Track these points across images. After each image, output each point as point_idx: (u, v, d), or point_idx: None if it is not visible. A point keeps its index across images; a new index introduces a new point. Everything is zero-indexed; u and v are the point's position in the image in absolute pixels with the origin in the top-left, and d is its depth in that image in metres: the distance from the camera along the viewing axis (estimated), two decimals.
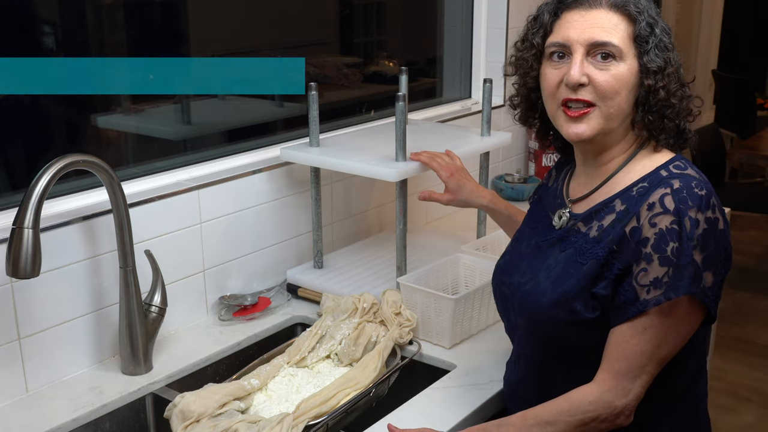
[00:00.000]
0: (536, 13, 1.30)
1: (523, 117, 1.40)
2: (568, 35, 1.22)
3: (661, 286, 1.14)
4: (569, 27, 1.22)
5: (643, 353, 1.17)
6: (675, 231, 1.13)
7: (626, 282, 1.17)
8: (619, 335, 1.19)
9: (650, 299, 1.15)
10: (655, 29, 1.21)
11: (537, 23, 1.29)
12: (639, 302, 1.16)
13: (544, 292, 1.26)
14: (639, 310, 1.16)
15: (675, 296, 1.13)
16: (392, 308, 1.67)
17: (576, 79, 1.19)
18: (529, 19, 1.32)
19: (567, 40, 1.21)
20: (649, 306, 1.15)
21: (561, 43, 1.22)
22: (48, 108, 1.72)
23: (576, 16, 1.22)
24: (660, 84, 1.20)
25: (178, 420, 1.38)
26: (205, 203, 1.76)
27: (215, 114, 2.10)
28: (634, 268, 1.16)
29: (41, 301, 1.49)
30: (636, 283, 1.16)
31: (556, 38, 1.23)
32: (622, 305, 1.17)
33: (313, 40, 2.37)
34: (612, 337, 1.20)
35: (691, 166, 1.23)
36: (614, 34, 1.20)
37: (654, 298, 1.14)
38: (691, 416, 1.30)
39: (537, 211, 1.41)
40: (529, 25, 1.31)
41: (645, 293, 1.15)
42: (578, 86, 1.20)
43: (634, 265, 1.16)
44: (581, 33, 1.20)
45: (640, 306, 1.16)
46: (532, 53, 1.29)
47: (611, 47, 1.19)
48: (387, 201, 2.23)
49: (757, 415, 3.29)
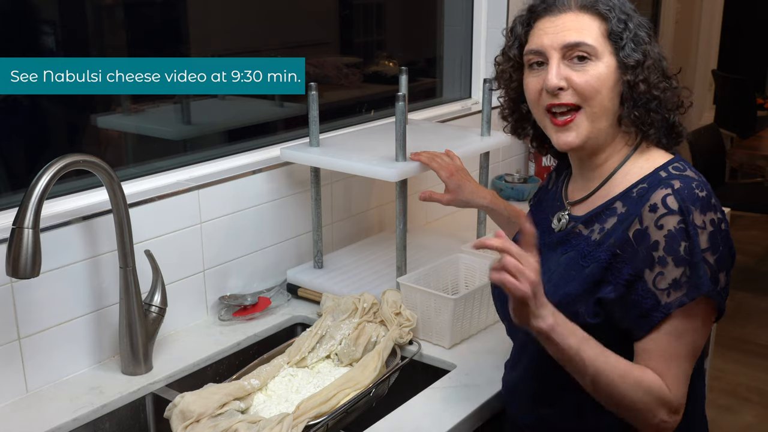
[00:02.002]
0: (511, 26, 1.32)
1: (513, 128, 1.41)
2: (541, 42, 1.23)
3: (681, 287, 1.14)
4: (542, 34, 1.23)
5: (685, 357, 1.17)
6: (683, 230, 1.13)
7: (640, 289, 1.16)
8: (658, 344, 1.16)
9: (672, 301, 1.14)
10: (628, 24, 1.21)
11: (512, 35, 1.31)
12: (662, 306, 1.15)
13: (545, 294, 1.25)
14: (664, 313, 1.15)
15: (698, 296, 1.13)
16: (392, 308, 1.67)
17: (554, 83, 1.20)
18: (504, 33, 1.33)
19: (541, 47, 1.23)
20: (673, 308, 1.14)
21: (536, 50, 1.24)
22: (48, 108, 1.72)
23: (547, 23, 1.24)
24: (640, 77, 1.20)
25: (178, 420, 1.38)
26: (205, 203, 1.76)
27: (215, 114, 2.10)
28: (647, 274, 1.16)
29: (41, 301, 1.49)
30: (655, 287, 1.15)
31: (531, 47, 1.25)
32: (646, 313, 1.16)
33: (313, 40, 2.37)
34: (649, 347, 1.17)
35: (690, 168, 1.23)
36: (586, 34, 1.20)
37: (677, 299, 1.14)
38: (688, 416, 1.30)
39: (537, 214, 1.41)
40: (506, 38, 1.33)
41: (666, 296, 1.14)
42: (558, 90, 1.21)
43: (647, 270, 1.16)
44: (554, 38, 1.22)
45: (664, 309, 1.15)
46: (510, 65, 1.32)
47: (585, 47, 1.20)
48: (387, 201, 2.23)
49: (757, 415, 3.29)
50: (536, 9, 1.26)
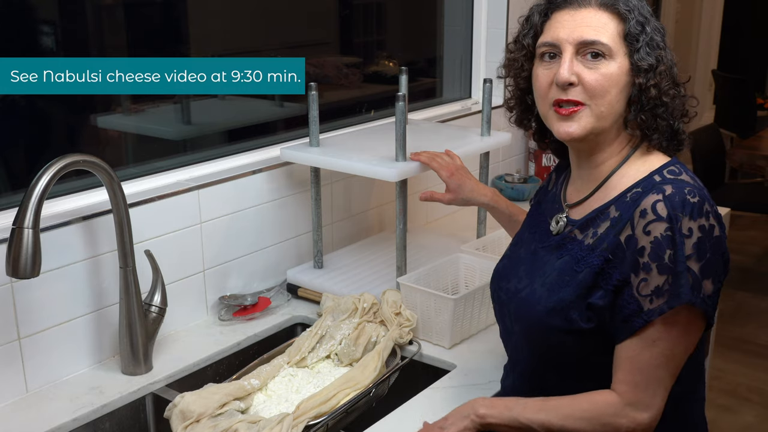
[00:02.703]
0: (527, 15, 1.30)
1: (518, 119, 1.40)
2: (557, 35, 1.22)
3: (662, 295, 1.13)
4: (559, 27, 1.22)
5: (657, 366, 1.16)
6: (669, 237, 1.13)
7: (626, 294, 1.16)
8: (629, 350, 1.17)
9: (654, 309, 1.14)
10: (646, 27, 1.20)
11: (528, 24, 1.29)
12: (643, 313, 1.15)
13: (540, 299, 1.25)
14: (644, 320, 1.15)
15: (677, 304, 1.12)
16: (392, 308, 1.67)
17: (565, 78, 1.19)
18: (520, 21, 1.32)
19: (556, 40, 1.22)
20: (654, 316, 1.14)
21: (551, 42, 1.22)
22: (48, 108, 1.72)
23: (565, 16, 1.22)
24: (651, 82, 1.20)
25: (178, 420, 1.38)
26: (205, 203, 1.76)
27: (215, 114, 2.10)
28: (633, 279, 1.15)
29: (41, 301, 1.49)
30: (638, 293, 1.15)
31: (546, 38, 1.24)
32: (627, 318, 1.16)
33: (313, 40, 2.37)
34: (621, 352, 1.18)
35: (686, 171, 1.22)
36: (603, 33, 1.20)
37: (658, 307, 1.14)
38: (688, 418, 1.30)
39: (537, 216, 1.41)
40: (521, 26, 1.31)
41: (648, 303, 1.14)
42: (568, 86, 1.20)
43: (632, 275, 1.15)
44: (570, 32, 1.21)
45: (645, 316, 1.15)
46: (522, 54, 1.30)
47: (600, 46, 1.19)
48: (387, 201, 2.23)
49: (757, 415, 3.29)
50: (556, 0, 1.25)
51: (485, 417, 1.25)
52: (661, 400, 1.18)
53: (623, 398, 1.18)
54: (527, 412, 1.23)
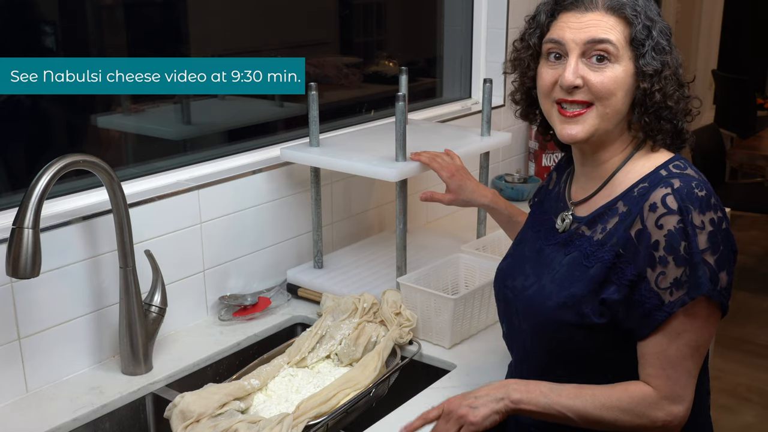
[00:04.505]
0: (534, 13, 1.30)
1: (524, 113, 1.40)
2: (563, 35, 1.22)
3: (682, 287, 1.14)
4: (565, 28, 1.22)
5: (685, 358, 1.17)
6: (681, 230, 1.14)
7: (644, 289, 1.17)
8: (656, 345, 1.18)
9: (675, 300, 1.15)
10: (652, 32, 1.20)
11: (534, 23, 1.29)
12: (665, 305, 1.15)
13: (549, 295, 1.25)
14: (667, 313, 1.15)
15: (697, 295, 1.13)
16: (392, 308, 1.67)
17: (570, 81, 1.19)
18: (527, 19, 1.32)
19: (562, 39, 1.21)
20: (676, 307, 1.15)
21: (557, 40, 1.22)
22: (48, 108, 1.72)
23: (572, 17, 1.22)
24: (656, 87, 1.20)
25: (178, 420, 1.38)
26: (205, 203, 1.76)
27: (215, 114, 2.10)
28: (649, 274, 1.16)
29: (41, 301, 1.49)
30: (657, 287, 1.16)
31: (553, 35, 1.24)
32: (649, 312, 1.17)
33: (313, 40, 2.37)
34: (648, 348, 1.19)
35: (690, 166, 1.23)
36: (611, 35, 1.20)
37: (679, 299, 1.15)
38: (695, 416, 1.30)
39: (539, 215, 1.41)
40: (527, 24, 1.31)
41: (669, 296, 1.15)
42: (573, 89, 1.20)
43: (649, 270, 1.16)
44: (577, 33, 1.20)
45: (667, 309, 1.15)
46: (528, 53, 1.30)
47: (608, 45, 1.19)
48: (387, 201, 2.23)
49: (757, 415, 3.29)
50: (563, 1, 1.24)
51: (520, 402, 1.22)
52: (692, 391, 1.20)
53: (659, 391, 1.18)
54: (563, 398, 1.21)
